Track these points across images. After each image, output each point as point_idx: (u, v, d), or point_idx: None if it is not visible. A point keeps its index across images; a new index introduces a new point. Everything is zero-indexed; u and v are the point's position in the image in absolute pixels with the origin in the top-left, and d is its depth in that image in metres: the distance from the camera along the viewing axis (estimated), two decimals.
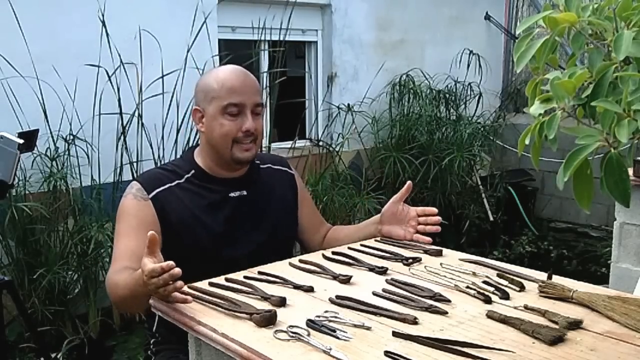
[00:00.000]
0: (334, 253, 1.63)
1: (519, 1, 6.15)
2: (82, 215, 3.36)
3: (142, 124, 3.51)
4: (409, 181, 1.78)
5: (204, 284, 1.39)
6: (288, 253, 1.80)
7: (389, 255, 1.61)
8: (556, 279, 1.40)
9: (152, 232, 1.30)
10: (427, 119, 4.86)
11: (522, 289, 1.36)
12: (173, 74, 3.50)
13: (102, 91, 3.41)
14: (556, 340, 1.09)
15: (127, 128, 3.49)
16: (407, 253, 1.63)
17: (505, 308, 1.26)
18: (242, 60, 3.75)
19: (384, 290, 1.35)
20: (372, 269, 1.50)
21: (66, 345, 3.16)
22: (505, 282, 1.38)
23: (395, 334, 1.13)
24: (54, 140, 3.31)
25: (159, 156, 3.57)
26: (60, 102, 3.30)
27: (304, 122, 4.80)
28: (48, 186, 3.24)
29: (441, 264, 1.53)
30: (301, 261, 1.56)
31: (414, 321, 1.18)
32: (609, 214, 4.83)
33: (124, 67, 3.47)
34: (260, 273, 1.47)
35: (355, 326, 1.16)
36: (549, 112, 0.84)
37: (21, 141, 2.00)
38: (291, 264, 1.54)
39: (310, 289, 1.36)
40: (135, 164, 3.52)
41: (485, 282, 1.38)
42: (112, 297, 1.53)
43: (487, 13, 5.96)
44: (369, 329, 1.16)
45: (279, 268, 1.51)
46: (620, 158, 0.79)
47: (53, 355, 2.91)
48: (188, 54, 3.54)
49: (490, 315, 1.21)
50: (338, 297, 1.29)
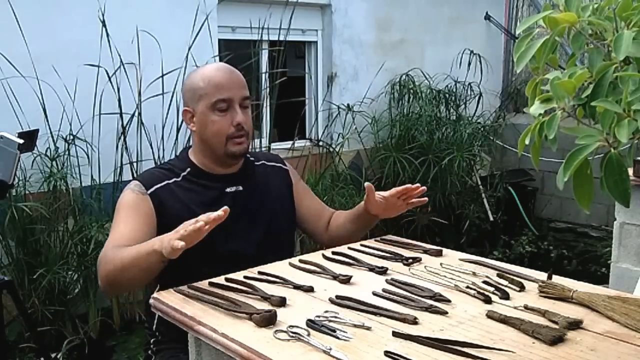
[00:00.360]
0: (334, 253, 1.63)
1: (519, 1, 6.15)
2: (82, 215, 3.36)
3: (142, 124, 3.51)
4: (367, 183, 1.75)
5: (204, 284, 1.39)
6: (285, 247, 1.82)
7: (389, 255, 1.61)
8: (556, 279, 1.40)
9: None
10: (427, 119, 4.85)
11: (522, 289, 1.36)
12: (173, 74, 3.51)
13: (102, 91, 3.41)
14: (556, 340, 1.10)
15: (127, 128, 3.49)
16: (407, 253, 1.63)
17: (505, 308, 1.26)
18: (242, 60, 3.76)
19: (384, 290, 1.35)
20: (372, 269, 1.50)
21: (66, 345, 3.15)
22: (505, 282, 1.39)
23: (395, 334, 1.13)
24: (54, 140, 3.31)
25: (159, 156, 3.57)
26: (60, 102, 3.30)
27: (304, 122, 4.80)
28: (48, 186, 3.24)
29: (441, 264, 1.53)
30: (301, 261, 1.56)
31: (414, 321, 1.18)
32: (609, 214, 4.83)
33: (124, 67, 3.47)
34: (260, 273, 1.47)
35: (355, 326, 1.16)
36: (549, 112, 0.84)
37: (21, 141, 2.00)
38: (291, 264, 1.55)
39: (310, 289, 1.36)
40: (135, 164, 3.52)
41: (485, 282, 1.38)
42: (104, 270, 1.52)
43: (487, 13, 5.96)
44: (369, 329, 1.16)
45: (279, 268, 1.51)
46: (620, 158, 0.79)
47: (53, 355, 2.91)
48: (188, 54, 3.54)
49: (490, 315, 1.21)
50: (338, 297, 1.30)
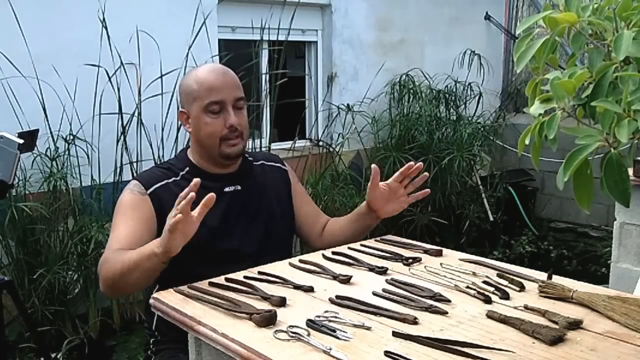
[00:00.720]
0: (334, 253, 1.63)
1: (519, 1, 6.15)
2: (82, 215, 3.36)
3: (142, 124, 3.51)
4: (373, 165, 1.78)
5: (204, 284, 1.39)
6: (284, 247, 1.82)
7: (389, 255, 1.61)
8: (556, 279, 1.40)
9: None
10: (427, 119, 4.85)
11: (522, 289, 1.36)
12: (173, 74, 3.50)
13: (102, 91, 3.42)
14: (556, 340, 1.09)
15: (127, 128, 3.49)
16: (407, 253, 1.63)
17: (505, 308, 1.26)
18: (242, 61, 3.76)
19: (384, 290, 1.35)
20: (372, 269, 1.50)
21: (66, 345, 3.16)
22: (505, 282, 1.38)
23: (395, 334, 1.13)
24: (54, 140, 3.31)
25: (158, 156, 3.57)
26: (60, 102, 3.30)
27: (304, 122, 4.80)
28: (48, 186, 3.24)
29: (441, 264, 1.53)
30: (301, 261, 1.56)
31: (414, 321, 1.18)
32: (609, 214, 4.83)
33: (124, 67, 3.48)
34: (260, 273, 1.47)
35: (355, 326, 1.16)
36: (549, 112, 0.84)
37: (21, 141, 2.00)
38: (291, 264, 1.55)
39: (310, 289, 1.36)
40: (135, 164, 3.52)
41: (485, 282, 1.38)
42: (106, 274, 1.53)
43: (487, 13, 5.96)
44: (369, 329, 1.16)
45: (279, 268, 1.51)
46: (620, 158, 0.79)
47: (53, 355, 2.91)
48: (188, 54, 3.54)
49: (490, 315, 1.21)
50: (338, 297, 1.30)
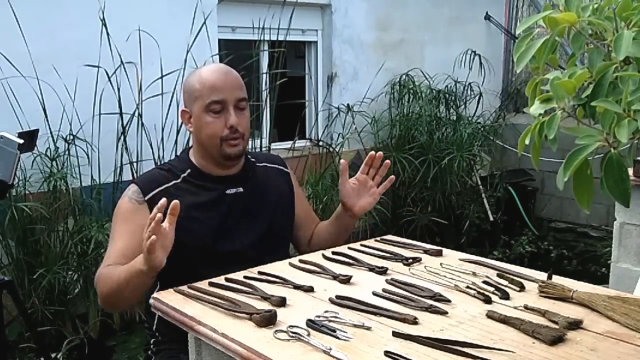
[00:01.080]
0: (334, 253, 1.63)
1: (519, 1, 6.15)
2: (82, 215, 3.36)
3: (142, 124, 3.51)
4: (342, 160, 1.78)
5: (204, 284, 1.39)
6: (285, 249, 1.82)
7: (389, 255, 1.61)
8: (556, 279, 1.40)
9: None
10: (427, 119, 4.86)
11: (522, 289, 1.36)
12: (173, 74, 3.51)
13: (102, 91, 3.42)
14: (556, 340, 1.09)
15: (127, 128, 3.49)
16: (407, 253, 1.63)
17: (505, 308, 1.26)
18: (242, 61, 3.76)
19: (384, 290, 1.34)
20: (372, 269, 1.50)
21: (66, 345, 3.16)
22: (505, 282, 1.38)
23: (395, 334, 1.13)
24: (54, 140, 3.31)
25: (159, 156, 3.57)
26: (60, 102, 3.30)
27: (304, 122, 4.80)
28: (48, 186, 3.25)
29: (441, 264, 1.53)
30: (301, 261, 1.56)
31: (414, 321, 1.18)
32: (609, 214, 4.83)
33: (124, 67, 3.48)
34: (260, 273, 1.47)
35: (355, 326, 1.16)
36: (549, 112, 0.84)
37: (21, 141, 2.00)
38: (291, 264, 1.54)
39: (310, 289, 1.36)
40: (135, 164, 3.52)
41: (485, 282, 1.38)
42: (101, 291, 1.58)
43: (487, 13, 5.96)
44: (369, 329, 1.16)
45: (279, 268, 1.51)
46: (620, 158, 0.79)
47: (53, 355, 2.91)
48: (188, 54, 3.54)
49: (490, 315, 1.21)
50: (338, 297, 1.29)
